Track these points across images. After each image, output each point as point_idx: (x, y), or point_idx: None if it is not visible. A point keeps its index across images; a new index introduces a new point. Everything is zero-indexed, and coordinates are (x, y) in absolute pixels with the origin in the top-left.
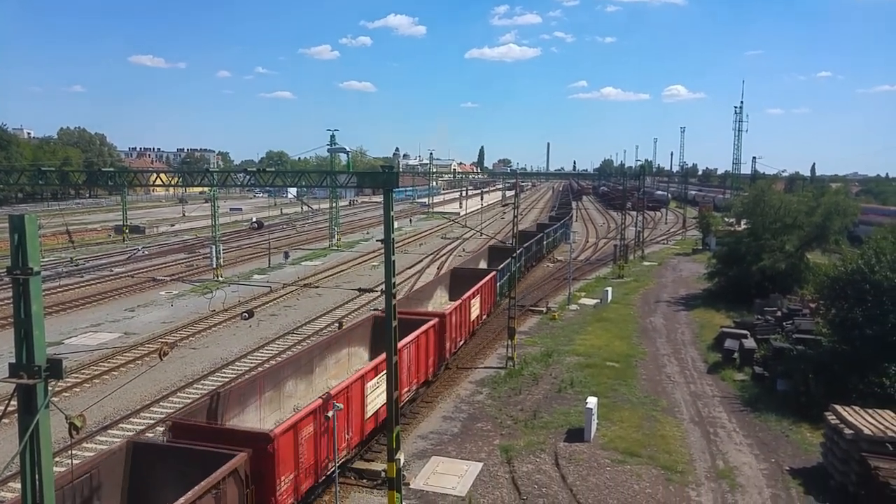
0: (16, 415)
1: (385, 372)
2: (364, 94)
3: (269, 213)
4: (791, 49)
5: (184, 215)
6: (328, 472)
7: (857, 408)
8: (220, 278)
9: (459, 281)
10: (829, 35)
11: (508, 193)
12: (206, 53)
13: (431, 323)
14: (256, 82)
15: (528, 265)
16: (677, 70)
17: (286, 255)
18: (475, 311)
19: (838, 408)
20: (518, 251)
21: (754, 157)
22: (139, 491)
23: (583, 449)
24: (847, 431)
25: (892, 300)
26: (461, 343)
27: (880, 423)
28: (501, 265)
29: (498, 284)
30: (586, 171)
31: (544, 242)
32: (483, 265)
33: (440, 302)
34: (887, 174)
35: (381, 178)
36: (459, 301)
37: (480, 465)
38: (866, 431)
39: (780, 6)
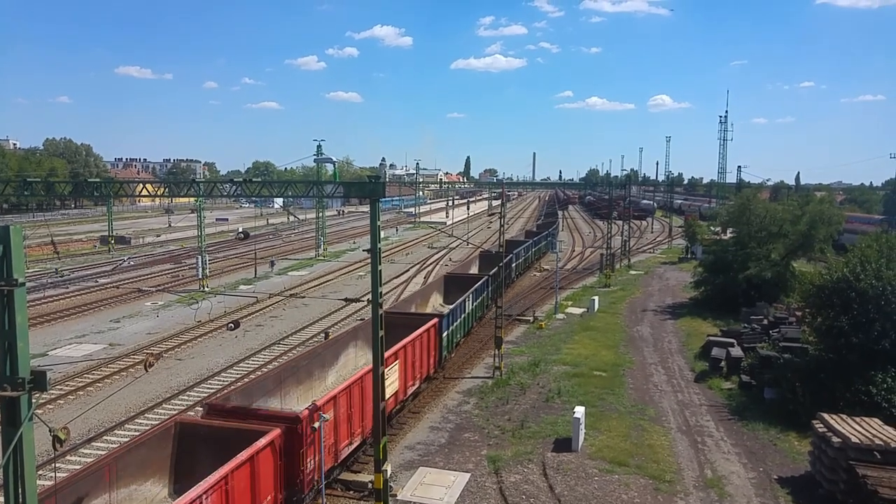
0: None
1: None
2: (350, 104)
3: (255, 224)
4: (775, 59)
5: (170, 226)
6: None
7: (844, 416)
8: (206, 289)
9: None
10: (812, 45)
11: (495, 203)
12: (193, 64)
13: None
14: (243, 93)
15: (515, 274)
16: (662, 80)
17: (272, 264)
18: (393, 386)
19: (826, 416)
20: (506, 259)
21: (739, 167)
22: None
23: (570, 459)
24: (835, 440)
25: (878, 308)
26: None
27: (867, 431)
28: (460, 297)
29: (444, 335)
30: (572, 180)
31: (529, 252)
32: (474, 270)
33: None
34: (871, 183)
35: (368, 188)
36: (345, 385)
37: (468, 475)
38: (854, 440)
39: (764, 17)
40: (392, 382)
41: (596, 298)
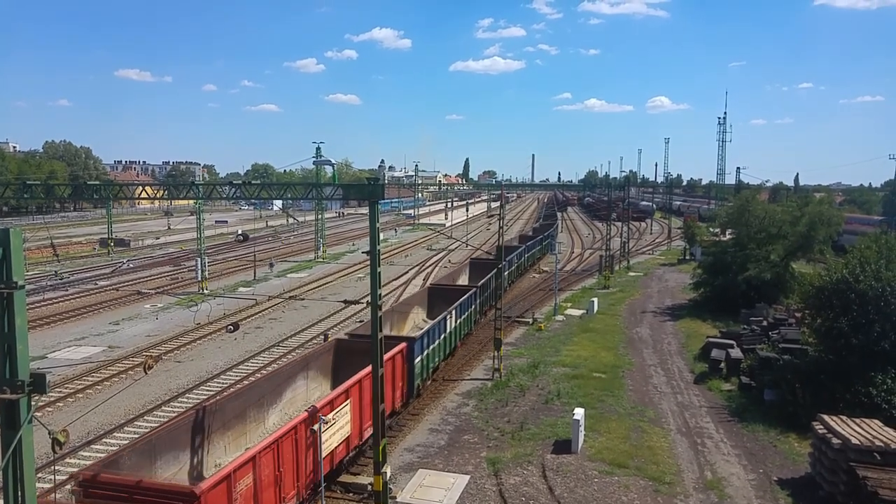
0: None
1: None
2: (349, 106)
3: (254, 226)
4: (773, 61)
5: (169, 228)
6: None
7: (844, 417)
8: (205, 291)
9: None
10: (811, 47)
11: (494, 205)
12: (192, 67)
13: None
14: (242, 95)
15: (507, 282)
16: (661, 82)
17: (271, 265)
18: (342, 431)
19: (826, 417)
20: (503, 263)
21: (738, 168)
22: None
23: (570, 461)
24: (835, 441)
25: (878, 309)
26: None
27: (868, 432)
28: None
29: (417, 360)
30: (571, 182)
31: (523, 258)
32: (463, 280)
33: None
34: (870, 184)
35: (367, 190)
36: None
37: (467, 477)
38: (854, 441)
39: (763, 18)
40: (341, 428)
41: (595, 300)
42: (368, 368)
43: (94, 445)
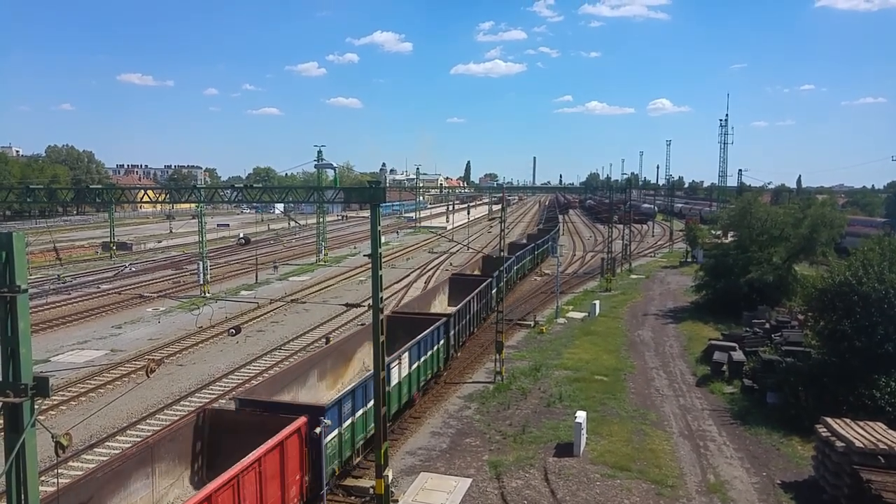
0: (1, 434)
1: None
2: (351, 110)
3: (256, 229)
4: (775, 62)
5: (171, 232)
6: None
7: (847, 420)
8: (207, 294)
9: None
10: (812, 48)
11: (495, 207)
12: (193, 71)
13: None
14: (243, 99)
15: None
16: (662, 84)
17: (276, 267)
18: None
19: (829, 420)
20: (485, 283)
21: (740, 170)
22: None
23: (572, 464)
24: (838, 444)
25: (881, 311)
26: None
27: (871, 435)
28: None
29: (329, 440)
30: (573, 184)
31: (512, 270)
32: (440, 301)
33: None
34: (873, 185)
35: (368, 193)
36: None
37: (469, 480)
38: (858, 444)
39: (764, 20)
40: None
41: (597, 303)
42: (250, 457)
43: (97, 449)
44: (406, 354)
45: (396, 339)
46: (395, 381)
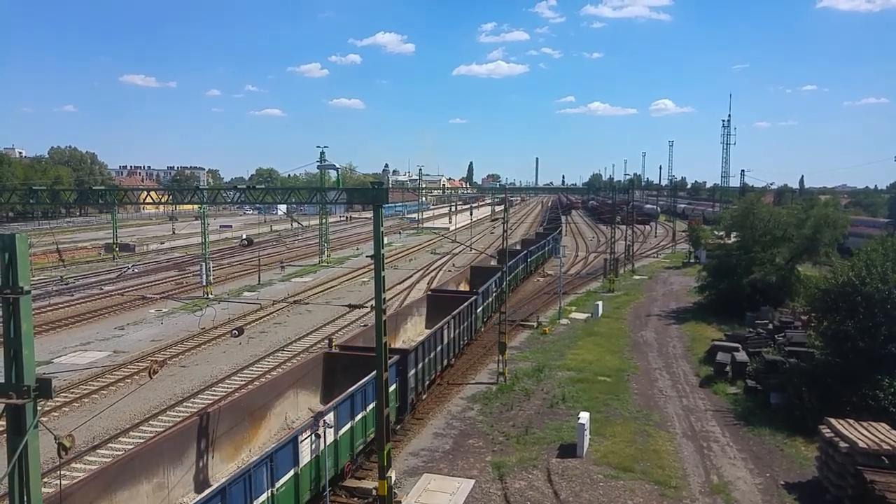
0: (3, 435)
1: None
2: (353, 111)
3: (259, 230)
4: (777, 63)
5: (174, 233)
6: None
7: (851, 421)
8: (209, 296)
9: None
10: (814, 49)
11: (498, 208)
12: (196, 72)
13: None
14: (246, 100)
15: (481, 322)
16: (664, 85)
17: (282, 267)
18: None
19: (833, 421)
20: (467, 303)
21: (743, 170)
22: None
23: (575, 464)
24: (842, 445)
25: (884, 312)
26: None
27: (875, 436)
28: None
29: None
30: (575, 185)
31: (500, 285)
32: (416, 322)
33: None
34: (876, 186)
35: (371, 194)
36: None
37: (472, 482)
38: (861, 445)
39: (766, 21)
40: None
41: (600, 303)
42: None
43: (100, 450)
44: (332, 410)
45: (335, 385)
46: (317, 449)
